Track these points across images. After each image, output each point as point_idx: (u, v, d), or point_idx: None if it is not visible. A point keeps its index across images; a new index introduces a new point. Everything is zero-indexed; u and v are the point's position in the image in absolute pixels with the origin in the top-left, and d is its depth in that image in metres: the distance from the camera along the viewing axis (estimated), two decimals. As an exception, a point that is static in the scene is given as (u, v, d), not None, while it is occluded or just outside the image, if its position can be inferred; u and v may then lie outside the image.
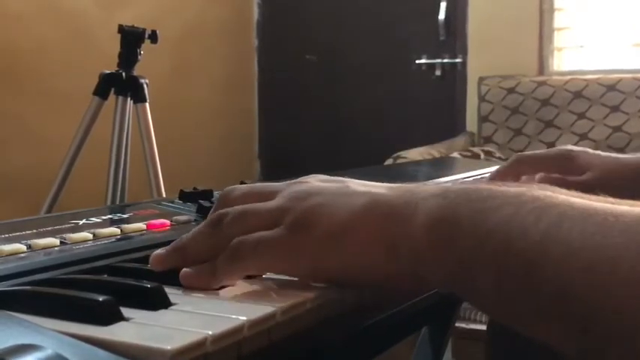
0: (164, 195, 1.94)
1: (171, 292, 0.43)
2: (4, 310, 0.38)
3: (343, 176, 0.51)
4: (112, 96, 1.97)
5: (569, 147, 0.88)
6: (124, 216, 0.62)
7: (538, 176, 0.86)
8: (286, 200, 0.48)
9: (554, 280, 0.37)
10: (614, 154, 0.92)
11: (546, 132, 3.15)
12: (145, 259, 0.49)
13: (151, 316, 0.39)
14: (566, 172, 0.86)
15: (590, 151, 0.89)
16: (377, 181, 0.49)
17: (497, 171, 0.89)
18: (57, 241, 0.52)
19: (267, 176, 4.03)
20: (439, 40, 3.60)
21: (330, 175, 0.52)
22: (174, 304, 0.42)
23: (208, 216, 0.52)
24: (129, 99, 1.97)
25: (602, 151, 0.91)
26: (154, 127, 1.98)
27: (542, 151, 0.91)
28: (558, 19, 3.38)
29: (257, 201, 0.50)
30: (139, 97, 1.97)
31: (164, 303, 0.41)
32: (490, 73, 3.35)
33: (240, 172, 3.75)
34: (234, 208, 0.49)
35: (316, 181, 0.50)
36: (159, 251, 0.48)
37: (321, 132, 3.98)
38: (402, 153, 2.92)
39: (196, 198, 0.66)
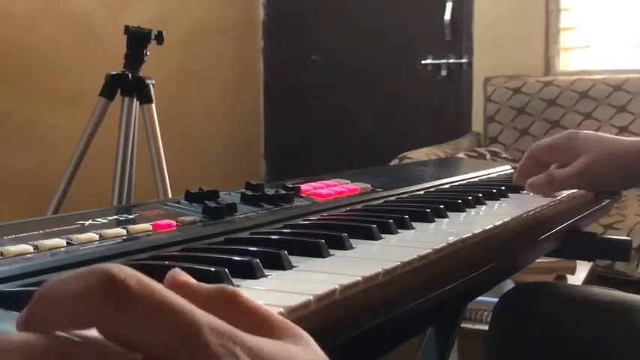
0: (170, 195, 1.94)
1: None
2: (11, 311, 0.38)
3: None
4: (118, 97, 1.98)
5: (575, 131, 0.89)
6: (130, 216, 0.62)
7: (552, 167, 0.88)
8: None
9: None
10: (622, 138, 0.89)
11: (553, 132, 3.14)
12: (151, 260, 0.49)
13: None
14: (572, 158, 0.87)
15: (592, 133, 0.89)
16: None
17: (520, 168, 0.92)
18: (63, 242, 0.52)
19: (273, 176, 4.04)
20: (445, 40, 3.60)
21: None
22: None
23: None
24: (135, 100, 1.97)
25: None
26: (160, 127, 1.98)
27: (551, 138, 0.92)
28: (564, 19, 3.37)
29: None
30: (145, 98, 1.98)
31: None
32: (496, 73, 3.35)
33: (246, 172, 3.75)
34: None
35: None
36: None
37: (326, 132, 3.98)
38: (408, 153, 2.91)
39: (202, 198, 0.66)
